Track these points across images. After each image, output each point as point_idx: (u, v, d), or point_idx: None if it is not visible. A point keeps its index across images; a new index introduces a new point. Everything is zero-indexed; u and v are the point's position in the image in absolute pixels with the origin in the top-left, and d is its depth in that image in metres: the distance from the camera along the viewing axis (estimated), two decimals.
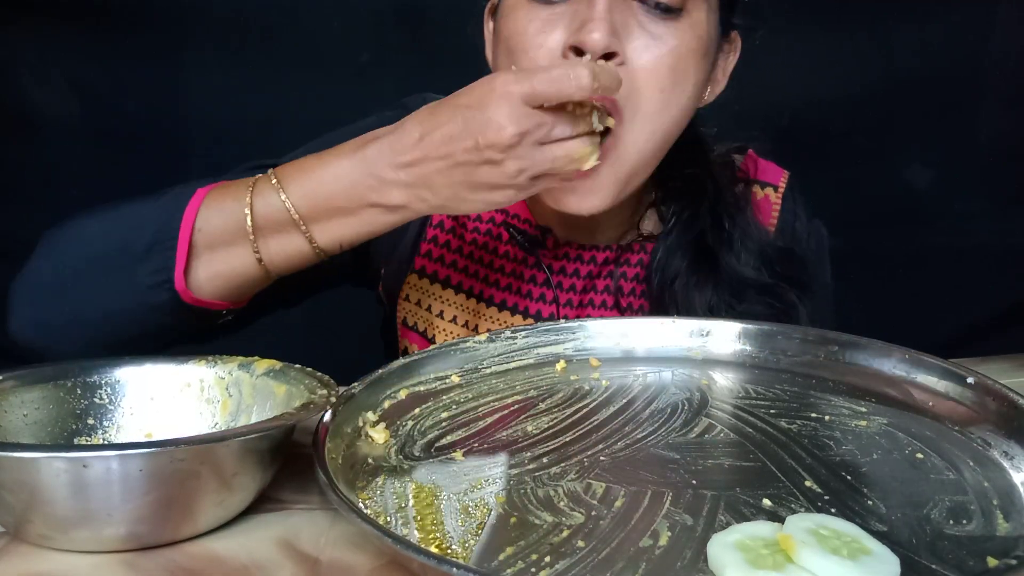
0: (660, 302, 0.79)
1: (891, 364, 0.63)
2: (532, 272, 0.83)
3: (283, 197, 0.61)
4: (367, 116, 0.84)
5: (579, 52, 0.65)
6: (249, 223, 0.62)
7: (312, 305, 0.78)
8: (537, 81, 0.57)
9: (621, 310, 0.82)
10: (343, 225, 0.62)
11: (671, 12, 0.67)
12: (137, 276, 0.62)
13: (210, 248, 0.63)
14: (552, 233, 0.82)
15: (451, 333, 0.83)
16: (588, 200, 0.69)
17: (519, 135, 0.57)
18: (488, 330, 0.77)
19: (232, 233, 0.63)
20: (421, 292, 0.84)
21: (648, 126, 0.68)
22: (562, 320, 0.76)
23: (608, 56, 0.64)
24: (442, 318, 0.83)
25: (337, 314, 1.06)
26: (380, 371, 0.60)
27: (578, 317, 0.81)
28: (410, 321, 0.84)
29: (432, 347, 0.65)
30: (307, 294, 0.83)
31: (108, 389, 0.56)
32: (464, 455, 0.53)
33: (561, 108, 0.59)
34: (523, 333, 0.69)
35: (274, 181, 0.62)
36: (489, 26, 0.79)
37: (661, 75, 0.67)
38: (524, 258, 0.83)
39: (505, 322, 0.82)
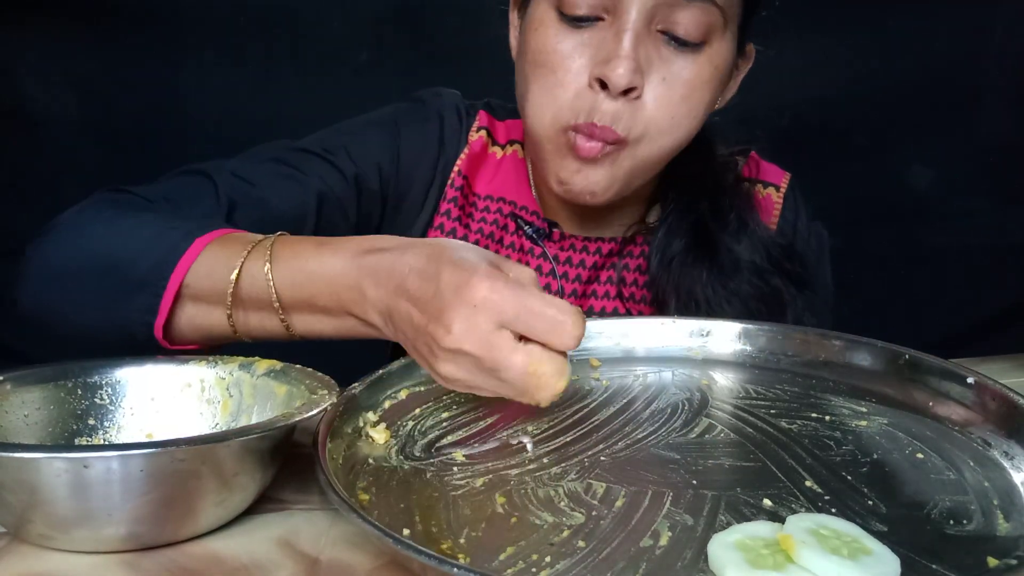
0: (658, 283, 0.80)
1: (891, 364, 0.63)
2: (538, 262, 0.84)
3: (269, 278, 0.58)
4: (377, 109, 0.86)
5: (603, 84, 0.68)
6: (230, 293, 0.59)
7: None
8: (524, 313, 0.48)
9: (624, 300, 0.84)
10: (321, 322, 0.59)
11: (693, 46, 0.69)
12: (122, 307, 0.61)
13: (194, 301, 0.61)
14: (559, 226, 0.84)
15: None
16: (589, 188, 0.72)
17: (458, 350, 0.49)
18: None
19: (216, 295, 0.60)
20: None
21: (656, 144, 0.72)
22: None
23: (627, 91, 0.68)
24: None
25: None
26: (380, 371, 0.60)
27: (581, 307, 0.82)
28: None
29: None
30: None
31: (109, 389, 0.56)
32: (465, 455, 0.53)
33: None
34: None
35: (267, 259, 0.59)
36: (514, 17, 0.80)
37: (673, 107, 0.70)
38: (530, 248, 0.84)
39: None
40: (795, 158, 0.95)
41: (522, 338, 0.49)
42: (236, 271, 0.59)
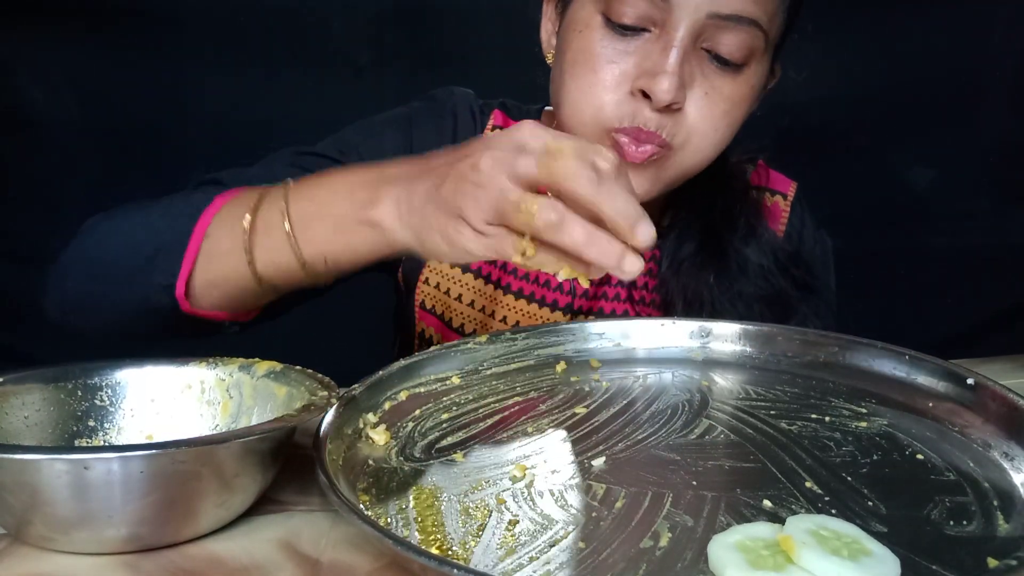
0: (667, 286, 0.81)
1: (891, 365, 0.63)
2: None
3: (285, 202, 0.60)
4: (382, 112, 0.86)
5: (645, 95, 0.69)
6: (247, 223, 0.61)
7: (312, 307, 0.78)
8: (563, 173, 0.47)
9: (634, 303, 0.84)
10: (329, 237, 0.59)
11: (735, 67, 0.71)
12: (150, 278, 0.63)
13: (210, 257, 0.62)
14: None
15: (468, 317, 0.84)
16: (636, 190, 0.71)
17: (492, 148, 0.50)
18: (497, 324, 0.78)
19: (232, 238, 0.61)
20: (440, 275, 0.85)
21: (698, 154, 0.74)
22: (561, 321, 0.77)
23: (669, 105, 0.69)
24: (460, 301, 0.84)
25: (338, 315, 1.06)
26: (380, 372, 0.60)
27: (591, 309, 0.85)
28: (428, 304, 0.86)
29: (432, 348, 0.65)
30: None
31: (109, 391, 0.56)
32: (464, 456, 0.53)
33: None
34: (523, 334, 0.69)
35: (284, 191, 0.61)
36: (549, 11, 0.80)
37: (715, 120, 0.72)
38: None
39: (520, 310, 0.83)
40: (795, 158, 0.95)
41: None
42: (254, 201, 0.61)
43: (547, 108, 0.90)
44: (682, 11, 0.67)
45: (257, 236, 0.61)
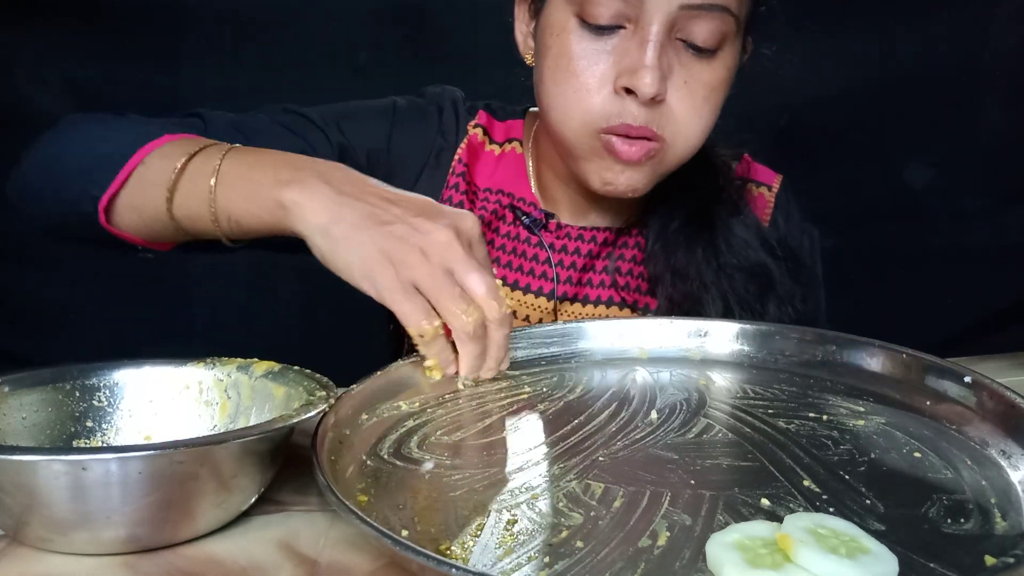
0: (654, 260, 0.83)
1: (889, 363, 0.63)
2: (534, 251, 0.86)
3: (220, 159, 0.64)
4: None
5: (628, 91, 0.71)
6: (179, 164, 0.65)
7: (311, 306, 0.78)
8: (475, 282, 0.58)
9: (619, 289, 0.86)
10: (239, 198, 0.63)
11: (710, 52, 0.72)
12: (82, 185, 0.68)
13: (140, 182, 0.67)
14: (556, 216, 0.86)
15: None
16: (632, 186, 0.76)
17: (449, 245, 0.58)
18: None
19: (162, 173, 0.65)
20: None
21: (686, 142, 0.76)
22: (561, 322, 0.77)
23: (653, 98, 0.71)
24: None
25: (336, 315, 1.06)
26: (379, 372, 0.60)
27: (576, 296, 0.86)
28: None
29: None
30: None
31: (107, 392, 0.56)
32: (463, 456, 0.53)
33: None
34: (523, 334, 0.69)
35: (225, 148, 0.66)
36: (522, 12, 0.81)
37: (697, 108, 0.74)
38: (527, 238, 0.86)
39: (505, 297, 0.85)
40: (794, 158, 0.95)
41: None
42: (198, 147, 0.66)
43: (532, 109, 0.91)
44: (655, 5, 0.69)
45: (183, 179, 0.65)
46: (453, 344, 0.61)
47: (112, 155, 0.68)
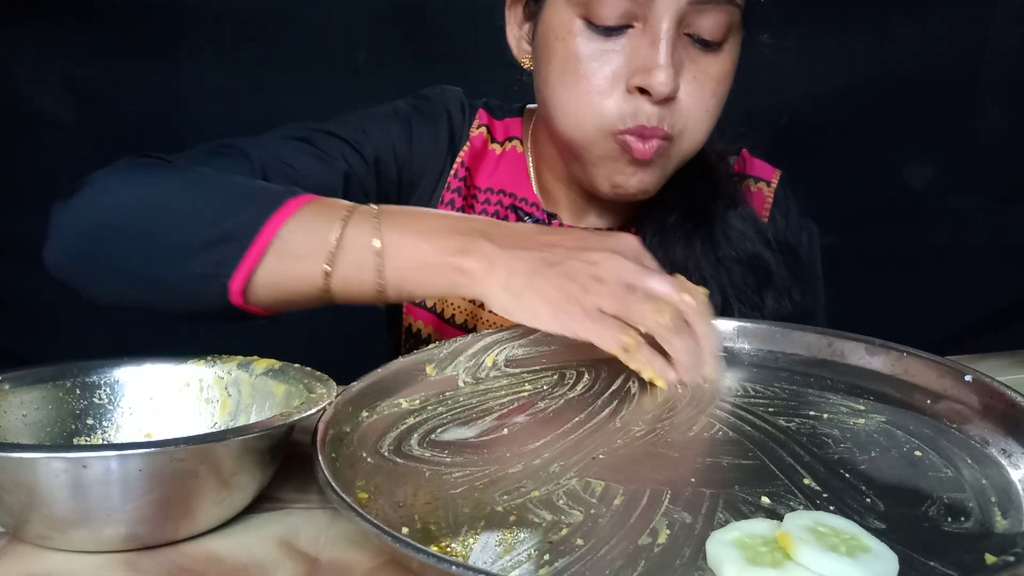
0: (653, 255, 0.82)
1: (889, 362, 0.63)
2: None
3: (378, 224, 0.61)
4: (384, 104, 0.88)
5: (642, 90, 0.70)
6: (335, 237, 0.60)
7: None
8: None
9: None
10: (414, 270, 0.61)
11: (716, 45, 0.72)
12: (196, 259, 0.60)
13: (280, 257, 0.60)
14: (557, 217, 0.86)
15: (459, 308, 0.86)
16: (643, 188, 0.76)
17: (620, 265, 0.60)
18: (487, 314, 0.79)
19: (313, 247, 0.60)
20: None
21: (696, 137, 0.75)
22: None
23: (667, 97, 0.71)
24: None
25: (336, 313, 1.06)
26: (379, 370, 0.60)
27: None
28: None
29: (432, 346, 0.65)
30: None
31: (107, 389, 0.56)
32: (463, 453, 0.53)
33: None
34: (523, 331, 0.69)
35: (374, 213, 0.62)
36: (515, 15, 0.80)
37: (706, 102, 0.74)
38: None
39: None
40: (794, 157, 0.95)
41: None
42: (341, 223, 0.61)
43: (529, 106, 0.91)
44: (664, 3, 0.68)
45: (342, 253, 0.61)
46: (662, 351, 0.61)
47: (234, 228, 0.60)
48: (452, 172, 0.86)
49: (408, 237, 0.61)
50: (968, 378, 0.57)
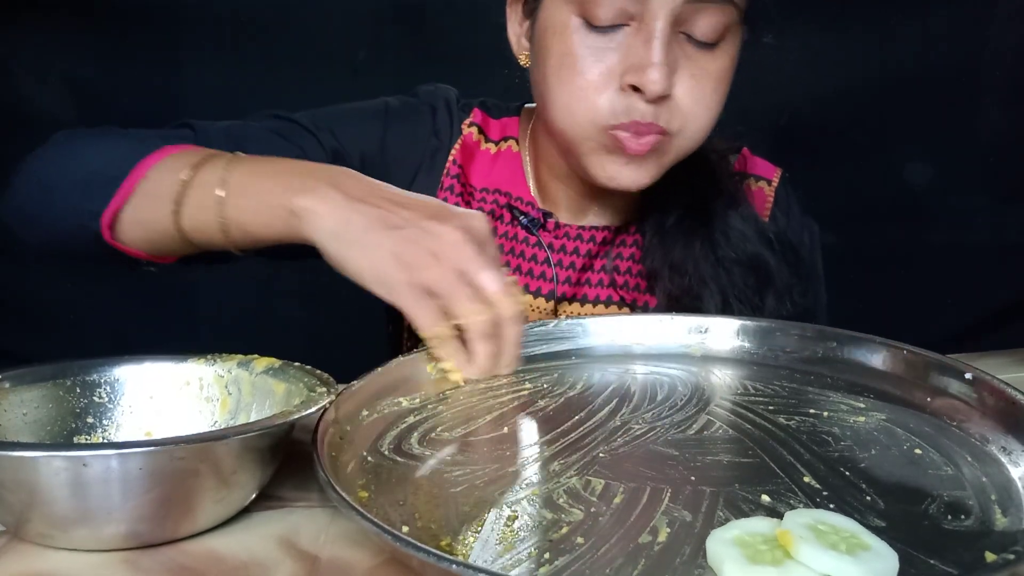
0: (651, 256, 0.83)
1: (889, 360, 0.63)
2: (532, 251, 0.86)
3: (225, 169, 0.64)
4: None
5: (635, 88, 0.70)
6: (185, 176, 0.65)
7: (311, 304, 0.78)
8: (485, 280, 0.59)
9: (617, 288, 0.85)
10: (250, 208, 0.63)
11: (713, 45, 0.72)
12: (83, 203, 0.68)
13: (143, 197, 0.67)
14: (553, 215, 0.86)
15: None
16: (638, 181, 0.76)
17: (460, 246, 0.59)
18: None
19: (166, 186, 0.65)
20: None
21: (694, 135, 0.76)
22: (561, 319, 0.76)
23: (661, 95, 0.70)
24: None
25: (336, 313, 1.06)
26: (379, 368, 0.60)
27: (575, 296, 0.86)
28: None
29: None
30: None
31: (107, 388, 0.56)
32: (463, 452, 0.53)
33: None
34: (523, 330, 0.69)
35: (228, 160, 0.65)
36: (515, 13, 0.81)
37: (706, 100, 0.74)
38: (524, 237, 0.86)
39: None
40: (795, 157, 0.95)
41: None
42: (199, 157, 0.66)
43: (527, 105, 0.91)
44: (659, 2, 0.68)
45: (189, 191, 0.65)
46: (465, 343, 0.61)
47: (111, 170, 0.67)
48: (444, 171, 0.86)
49: (250, 177, 0.64)
50: (968, 376, 0.57)
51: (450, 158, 0.86)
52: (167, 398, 0.57)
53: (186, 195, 0.65)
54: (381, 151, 0.84)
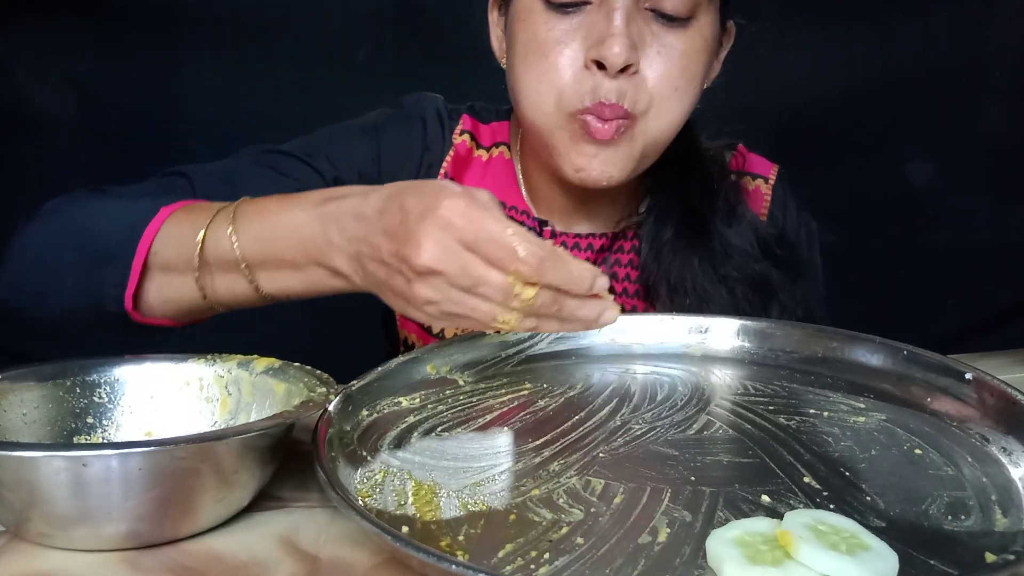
0: (649, 272, 0.81)
1: (889, 360, 0.63)
2: None
3: (233, 240, 0.59)
4: (366, 113, 0.86)
5: (600, 65, 0.68)
6: (196, 256, 0.60)
7: (312, 304, 0.78)
8: (483, 234, 0.49)
9: (615, 295, 0.84)
10: (290, 277, 0.59)
11: (682, 21, 0.70)
12: (100, 284, 0.62)
13: (163, 271, 0.62)
14: (549, 224, 0.84)
15: None
16: (607, 173, 0.73)
17: (432, 270, 0.49)
18: None
19: (183, 261, 0.61)
20: None
21: (663, 119, 0.73)
22: None
23: (624, 68, 0.68)
24: None
25: (336, 313, 1.06)
26: (379, 368, 0.60)
27: None
28: None
29: (431, 344, 0.65)
30: None
31: (107, 388, 0.56)
32: (463, 452, 0.53)
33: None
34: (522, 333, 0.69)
35: (230, 220, 0.60)
36: (494, 16, 0.80)
37: (673, 78, 0.71)
38: None
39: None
40: (795, 156, 0.95)
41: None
42: (202, 232, 0.60)
43: None
44: None
45: (210, 268, 0.61)
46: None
47: (114, 246, 0.62)
48: None
49: (266, 249, 0.59)
50: (968, 376, 0.57)
51: (441, 171, 0.85)
52: (167, 398, 0.57)
53: (208, 285, 0.61)
54: (378, 171, 0.83)
